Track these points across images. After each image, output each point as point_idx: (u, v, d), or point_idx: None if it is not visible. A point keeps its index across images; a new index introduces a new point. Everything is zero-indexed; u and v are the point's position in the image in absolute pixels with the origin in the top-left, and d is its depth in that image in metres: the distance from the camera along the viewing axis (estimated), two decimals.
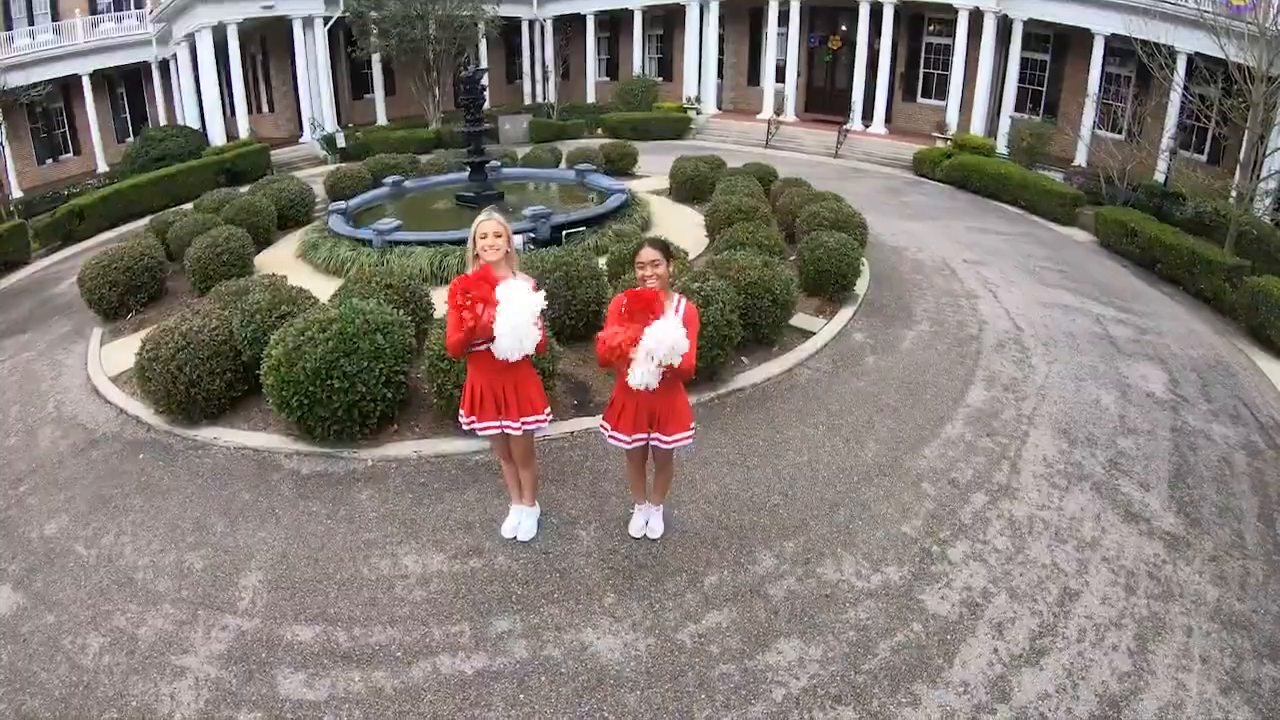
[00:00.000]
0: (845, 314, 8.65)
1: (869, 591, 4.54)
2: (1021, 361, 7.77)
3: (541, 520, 5.03)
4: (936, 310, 9.08)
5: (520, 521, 4.93)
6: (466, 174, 13.23)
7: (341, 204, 12.26)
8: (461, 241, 5.89)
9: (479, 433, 4.54)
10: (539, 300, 4.08)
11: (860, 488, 5.56)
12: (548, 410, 4.54)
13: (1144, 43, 13.89)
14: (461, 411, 4.55)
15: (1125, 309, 9.80)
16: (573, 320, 7.42)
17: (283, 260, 11.05)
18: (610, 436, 4.41)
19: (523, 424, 4.40)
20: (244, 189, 14.17)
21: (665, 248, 4.17)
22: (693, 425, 4.40)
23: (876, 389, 7.07)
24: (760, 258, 7.65)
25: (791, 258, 9.52)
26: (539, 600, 4.46)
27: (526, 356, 4.24)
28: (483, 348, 4.16)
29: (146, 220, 13.58)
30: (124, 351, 7.75)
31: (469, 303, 3.91)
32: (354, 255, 10.10)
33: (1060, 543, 5.04)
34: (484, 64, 25.07)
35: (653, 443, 4.36)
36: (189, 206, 13.57)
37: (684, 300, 4.20)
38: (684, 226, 11.69)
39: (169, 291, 10.09)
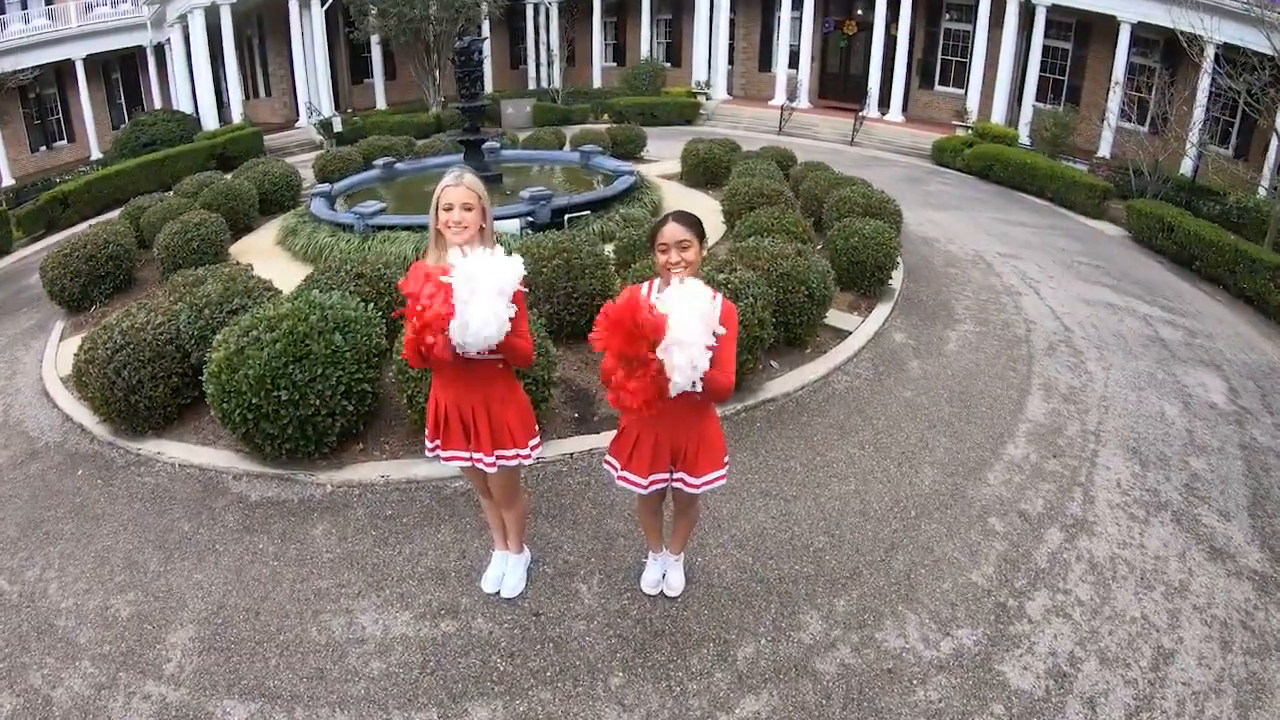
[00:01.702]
0: (882, 311, 7.74)
1: (939, 663, 3.66)
2: (1077, 367, 6.95)
3: (531, 569, 4.10)
4: (979, 308, 8.23)
5: (505, 573, 3.96)
6: (462, 155, 12.32)
7: (325, 187, 11.35)
8: None
9: (444, 462, 3.48)
10: (511, 267, 2.92)
11: (919, 524, 4.66)
12: (534, 441, 3.42)
13: (1181, 31, 13.12)
14: (427, 433, 3.50)
15: (1170, 309, 9.02)
16: (573, 316, 6.48)
17: (261, 247, 10.30)
18: (620, 477, 3.37)
19: (497, 457, 3.33)
20: (230, 174, 13.46)
21: (697, 224, 3.12)
22: (726, 460, 3.39)
23: (926, 400, 6.19)
24: (792, 245, 6.75)
25: (819, 246, 8.65)
26: (527, 679, 3.54)
27: (507, 366, 3.26)
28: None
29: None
30: None
31: (421, 307, 2.79)
32: (333, 241, 9.25)
33: (1147, 589, 4.22)
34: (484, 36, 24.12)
35: (676, 485, 3.37)
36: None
37: (718, 295, 3.02)
38: (698, 213, 10.74)
39: (139, 282, 9.35)
